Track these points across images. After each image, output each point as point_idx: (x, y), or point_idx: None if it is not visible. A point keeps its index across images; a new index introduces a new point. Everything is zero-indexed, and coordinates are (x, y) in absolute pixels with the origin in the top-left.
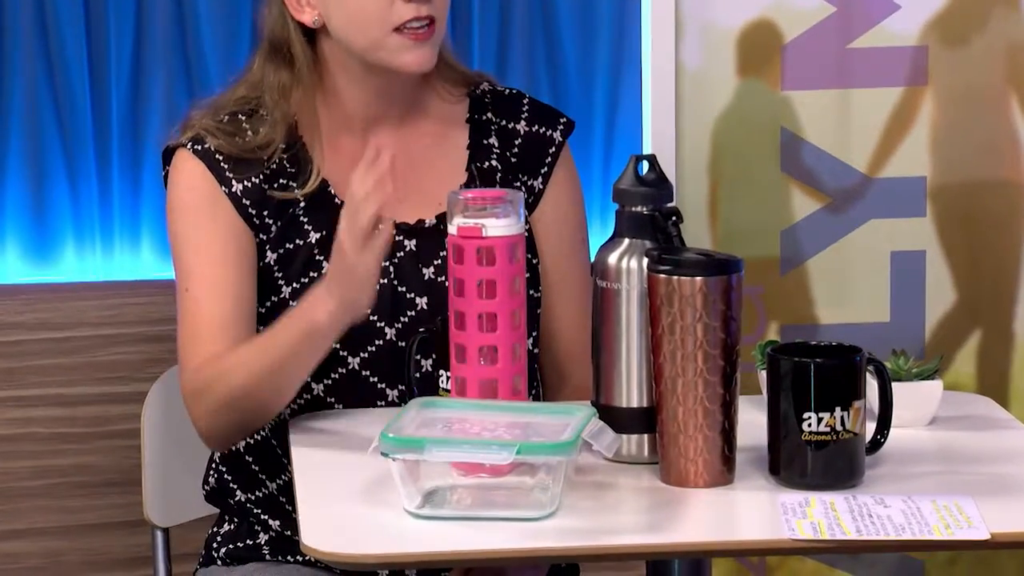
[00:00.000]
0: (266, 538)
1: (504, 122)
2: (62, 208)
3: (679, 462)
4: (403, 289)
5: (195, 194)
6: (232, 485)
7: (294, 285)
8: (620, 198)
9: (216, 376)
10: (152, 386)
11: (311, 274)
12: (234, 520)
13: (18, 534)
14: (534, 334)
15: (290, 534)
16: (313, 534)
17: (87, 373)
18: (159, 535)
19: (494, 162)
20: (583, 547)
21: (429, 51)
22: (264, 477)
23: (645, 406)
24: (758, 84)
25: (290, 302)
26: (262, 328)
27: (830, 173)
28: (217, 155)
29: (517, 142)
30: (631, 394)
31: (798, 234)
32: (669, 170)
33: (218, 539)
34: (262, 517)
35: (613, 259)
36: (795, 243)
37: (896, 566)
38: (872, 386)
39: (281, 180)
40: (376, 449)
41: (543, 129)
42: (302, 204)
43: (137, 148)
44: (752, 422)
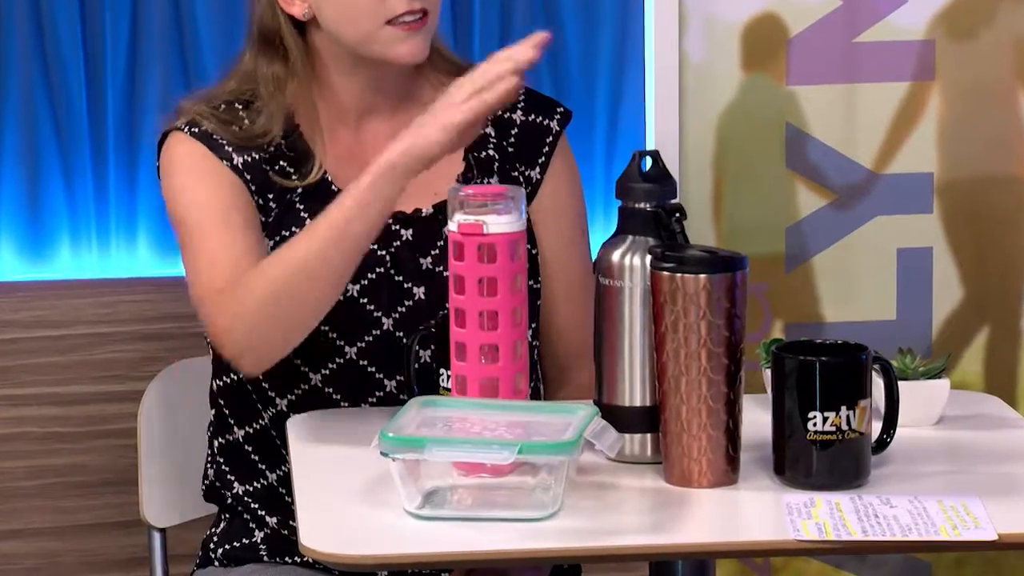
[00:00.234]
0: (262, 535)
1: (500, 111)
2: (58, 205)
3: (682, 462)
4: (400, 278)
5: (195, 170)
6: (230, 476)
7: None
8: (623, 194)
9: (254, 273)
10: (149, 385)
11: None
12: (231, 518)
13: (14, 534)
14: (533, 326)
15: (287, 533)
16: (312, 535)
17: (82, 371)
18: (156, 536)
19: (491, 151)
20: (585, 548)
21: (422, 41)
22: (264, 467)
23: (648, 405)
24: (763, 79)
25: None
26: None
27: (836, 169)
28: (215, 136)
29: (514, 131)
30: (634, 393)
31: (803, 231)
32: (672, 166)
33: (215, 539)
34: (259, 513)
35: (616, 256)
36: (800, 240)
37: (902, 567)
38: (878, 385)
39: (281, 163)
40: (377, 447)
41: (540, 119)
42: (299, 191)
43: (133, 145)
44: (756, 421)
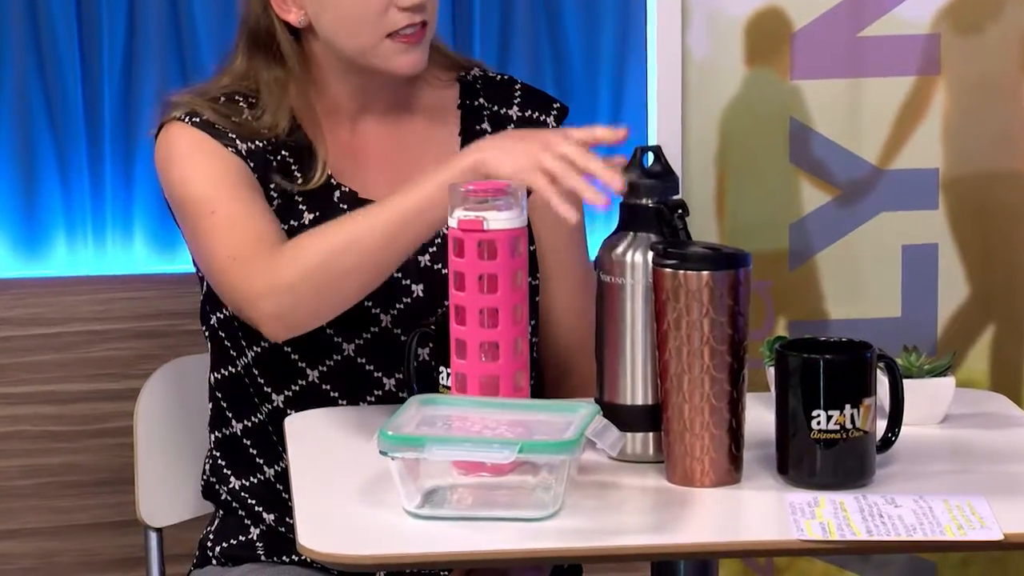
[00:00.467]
0: (258, 532)
1: (496, 107)
2: (53, 201)
3: (685, 461)
4: (398, 275)
5: (200, 154)
6: (227, 471)
7: None
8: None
9: (305, 238)
10: (145, 383)
11: None
12: (226, 515)
13: (10, 534)
14: (532, 322)
15: (284, 530)
16: (310, 534)
17: (78, 369)
18: (152, 536)
19: None
20: (586, 548)
21: (421, 53)
22: (261, 462)
23: (650, 403)
24: (767, 73)
25: None
26: None
27: (840, 165)
28: (216, 125)
29: (510, 127)
30: (635, 391)
31: (807, 227)
32: (675, 162)
33: (211, 537)
34: (256, 509)
35: (617, 253)
36: (804, 236)
37: (907, 567)
38: (883, 383)
39: (283, 153)
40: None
41: (536, 114)
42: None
43: (129, 141)
44: (760, 420)
